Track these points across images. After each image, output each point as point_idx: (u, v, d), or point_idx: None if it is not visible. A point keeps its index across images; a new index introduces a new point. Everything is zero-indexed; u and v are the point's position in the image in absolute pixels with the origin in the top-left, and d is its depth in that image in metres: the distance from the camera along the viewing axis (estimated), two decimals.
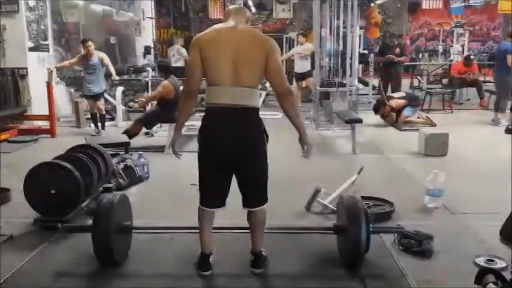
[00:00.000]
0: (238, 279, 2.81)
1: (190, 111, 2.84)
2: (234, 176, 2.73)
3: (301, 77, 10.44)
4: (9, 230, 3.45)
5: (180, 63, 12.26)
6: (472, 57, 10.63)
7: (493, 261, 2.89)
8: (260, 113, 2.75)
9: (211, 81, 2.62)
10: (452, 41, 15.55)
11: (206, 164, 2.69)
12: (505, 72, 7.87)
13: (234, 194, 2.76)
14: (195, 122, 2.86)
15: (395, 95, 8.50)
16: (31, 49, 8.07)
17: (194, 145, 2.85)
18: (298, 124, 2.71)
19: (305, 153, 2.76)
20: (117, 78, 8.23)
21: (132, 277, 2.87)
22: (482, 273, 2.42)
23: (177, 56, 12.28)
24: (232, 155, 2.62)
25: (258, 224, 2.82)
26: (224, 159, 2.64)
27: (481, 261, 2.90)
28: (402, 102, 8.00)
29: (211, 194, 2.73)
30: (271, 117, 8.80)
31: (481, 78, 11.24)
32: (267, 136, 2.73)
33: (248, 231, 2.90)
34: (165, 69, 6.56)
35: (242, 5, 2.83)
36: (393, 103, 8.01)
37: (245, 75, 2.57)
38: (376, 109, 8.31)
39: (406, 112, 7.92)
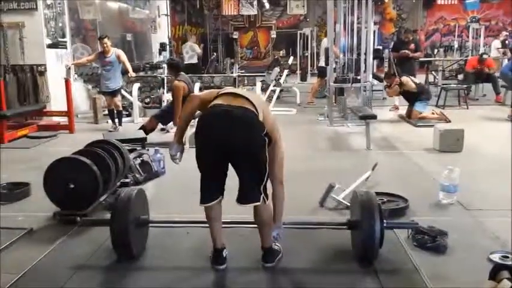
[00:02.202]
0: (251, 273, 2.84)
1: (189, 112, 2.85)
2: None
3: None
4: (29, 223, 3.54)
5: (194, 60, 12.34)
6: (485, 56, 10.48)
7: (507, 257, 2.88)
8: (274, 108, 2.77)
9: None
10: (468, 36, 15.35)
11: (201, 163, 2.69)
12: None
13: None
14: None
15: (411, 77, 8.41)
16: (49, 46, 8.20)
17: None
18: (279, 211, 2.86)
19: (276, 235, 2.88)
20: (133, 75, 8.31)
21: (149, 270, 2.92)
22: (496, 269, 2.41)
23: (191, 52, 12.34)
24: (226, 153, 2.61)
25: (262, 224, 2.83)
26: (218, 158, 2.63)
27: (495, 257, 2.89)
28: (412, 85, 7.94)
29: (208, 192, 2.73)
30: (285, 114, 8.83)
31: (497, 74, 11.10)
32: (270, 140, 2.68)
33: None
34: (175, 68, 6.62)
35: None
36: (404, 79, 7.96)
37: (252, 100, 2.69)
38: (387, 76, 8.32)
39: (418, 108, 7.87)
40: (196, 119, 2.78)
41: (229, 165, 2.70)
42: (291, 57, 14.00)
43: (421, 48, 11.05)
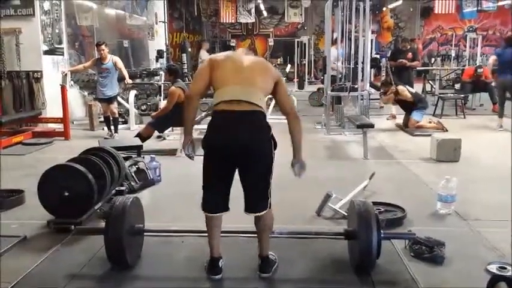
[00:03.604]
0: (247, 283, 2.82)
1: (192, 113, 2.84)
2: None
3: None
4: (22, 231, 3.50)
5: None
6: (480, 70, 10.48)
7: (505, 268, 2.87)
8: (269, 117, 2.78)
9: (218, 85, 2.69)
10: (465, 46, 15.42)
11: (209, 169, 2.69)
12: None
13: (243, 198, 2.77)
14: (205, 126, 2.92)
15: (408, 87, 8.42)
16: (46, 52, 8.19)
17: None
18: (297, 141, 2.84)
19: (298, 171, 2.86)
20: (130, 82, 8.29)
21: (144, 279, 2.89)
22: (494, 281, 2.39)
23: (200, 60, 12.52)
24: (235, 158, 2.62)
25: (265, 230, 2.82)
26: (226, 164, 2.65)
27: (493, 268, 2.88)
28: (407, 94, 7.95)
29: (214, 200, 2.73)
30: (283, 122, 8.83)
31: (494, 84, 11.12)
32: (275, 143, 2.71)
33: (256, 235, 2.91)
34: (174, 73, 6.62)
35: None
36: (400, 88, 7.97)
37: (251, 80, 2.67)
38: (383, 84, 8.42)
39: (415, 117, 7.87)
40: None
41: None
42: (289, 65, 14.03)
43: (419, 57, 11.09)
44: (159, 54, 13.17)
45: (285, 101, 2.86)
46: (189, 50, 15.44)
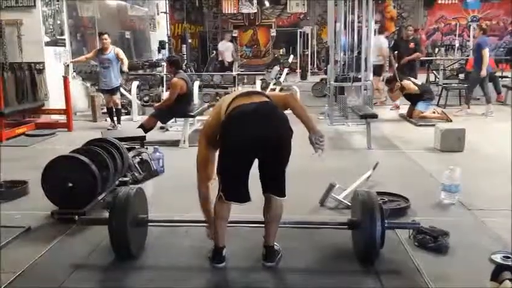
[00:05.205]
0: (251, 273, 2.82)
1: (209, 199, 2.87)
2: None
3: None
4: (26, 222, 3.51)
5: (229, 59, 13.15)
6: None
7: (509, 258, 2.86)
8: None
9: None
10: (469, 36, 15.32)
11: (235, 162, 2.67)
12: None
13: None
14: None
15: (412, 79, 8.40)
16: (47, 44, 8.17)
17: None
18: (304, 116, 2.78)
19: (318, 143, 2.71)
20: (126, 70, 8.15)
21: (148, 269, 2.90)
22: (498, 270, 2.39)
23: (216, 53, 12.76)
24: (262, 148, 2.62)
25: (275, 218, 2.83)
26: (252, 155, 2.65)
27: (497, 257, 2.88)
28: (414, 87, 7.93)
29: (239, 190, 2.72)
30: (285, 112, 8.80)
31: (498, 74, 11.07)
32: (292, 131, 2.71)
33: (260, 225, 2.91)
34: (175, 65, 6.61)
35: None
36: (405, 83, 7.96)
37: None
38: (388, 81, 8.44)
39: (420, 107, 7.85)
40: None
41: None
42: (291, 56, 13.95)
43: (421, 48, 10.99)
44: (161, 45, 13.13)
45: (278, 95, 2.99)
46: (189, 41, 15.36)
